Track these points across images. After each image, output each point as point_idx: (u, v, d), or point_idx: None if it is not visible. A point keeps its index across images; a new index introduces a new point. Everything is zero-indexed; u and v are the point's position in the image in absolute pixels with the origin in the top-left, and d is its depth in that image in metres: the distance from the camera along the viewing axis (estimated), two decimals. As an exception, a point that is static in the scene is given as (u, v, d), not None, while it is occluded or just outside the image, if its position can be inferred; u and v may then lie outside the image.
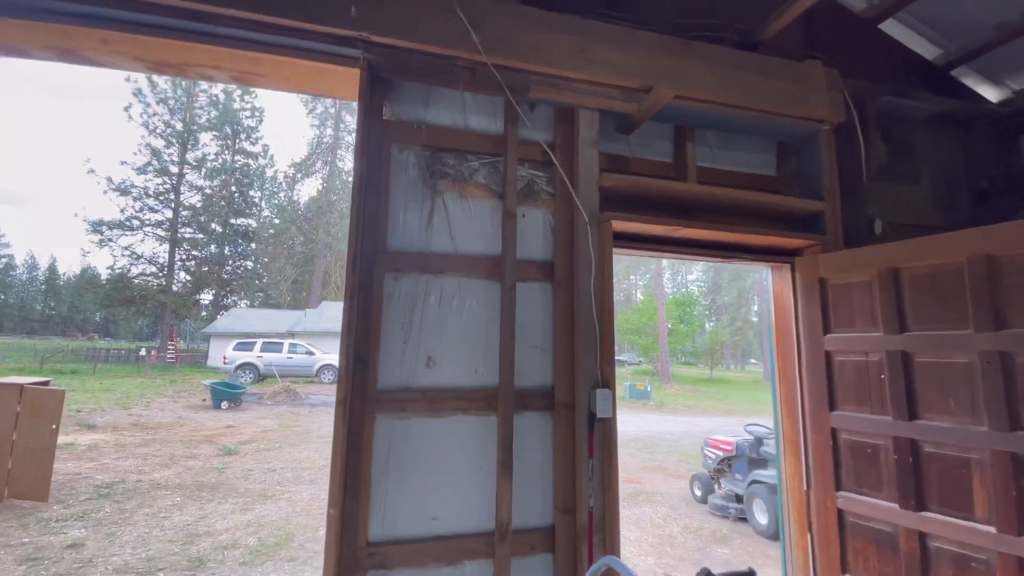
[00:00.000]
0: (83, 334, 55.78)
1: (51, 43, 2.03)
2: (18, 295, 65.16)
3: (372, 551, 2.06)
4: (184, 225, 35.68)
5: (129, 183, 31.34)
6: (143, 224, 32.54)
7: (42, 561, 3.99)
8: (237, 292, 41.70)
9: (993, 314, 1.95)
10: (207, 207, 36.21)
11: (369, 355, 2.16)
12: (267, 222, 42.58)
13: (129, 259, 32.18)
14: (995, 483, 1.90)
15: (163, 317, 34.58)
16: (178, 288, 36.05)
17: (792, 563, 2.63)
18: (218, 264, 38.99)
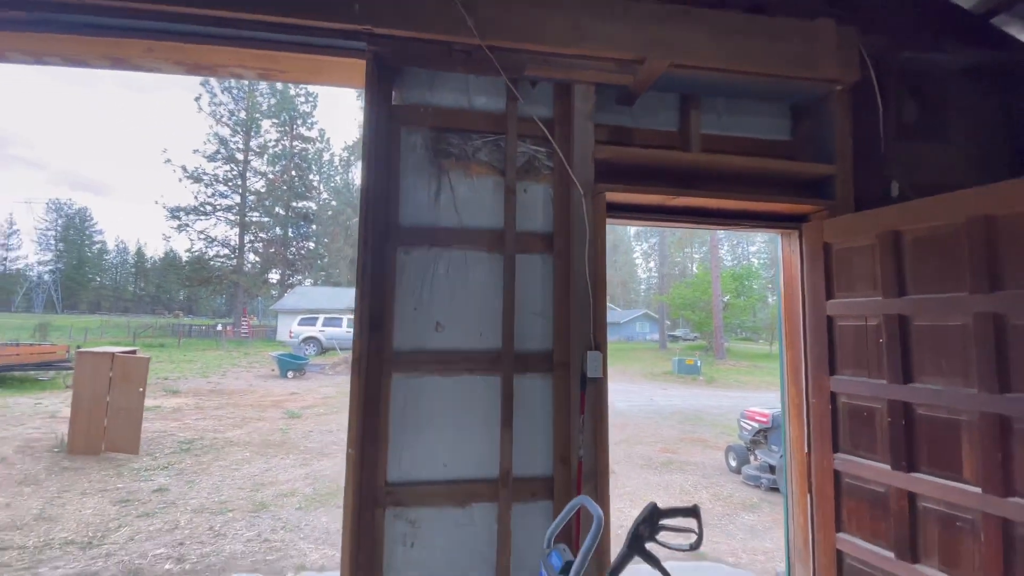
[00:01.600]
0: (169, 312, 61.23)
1: (106, 53, 2.37)
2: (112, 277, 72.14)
3: (390, 490, 2.35)
4: (251, 209, 38.11)
5: (201, 171, 33.73)
6: (215, 209, 35.06)
7: (133, 503, 4.69)
8: (301, 271, 44.24)
9: (988, 276, 1.91)
10: (270, 191, 38.41)
11: (384, 321, 2.41)
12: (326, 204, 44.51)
13: (205, 242, 34.89)
14: (983, 445, 1.90)
15: (236, 295, 37.45)
16: (248, 269, 38.79)
17: (793, 522, 2.71)
18: (283, 245, 41.48)
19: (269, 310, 35.50)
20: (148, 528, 4.03)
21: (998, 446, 1.85)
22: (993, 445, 1.87)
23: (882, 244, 2.28)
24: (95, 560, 3.44)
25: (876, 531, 2.26)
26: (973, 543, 1.93)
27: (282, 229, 41.23)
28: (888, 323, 2.23)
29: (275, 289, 41.94)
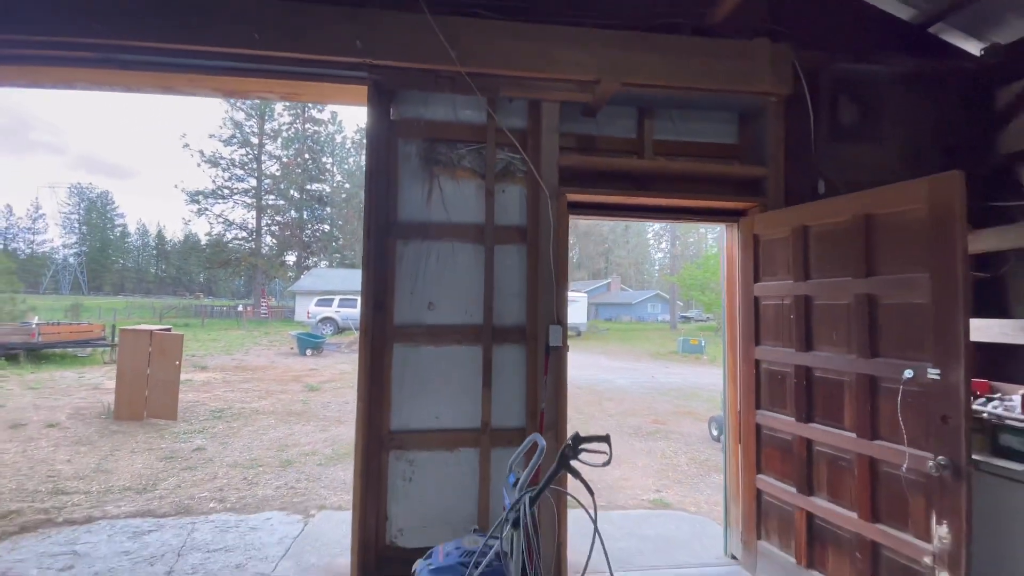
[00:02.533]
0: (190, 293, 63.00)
1: (157, 84, 2.89)
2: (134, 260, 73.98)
3: (393, 436, 2.91)
4: (267, 193, 38.95)
5: (218, 155, 34.52)
6: (232, 193, 35.96)
7: (176, 459, 5.38)
8: (317, 254, 45.20)
9: (866, 263, 2.37)
10: (285, 175, 39.15)
11: (386, 301, 2.94)
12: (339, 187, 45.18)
13: (223, 225, 35.89)
14: (857, 399, 2.38)
15: (255, 277, 38.58)
16: (266, 251, 39.84)
17: (728, 468, 3.23)
18: (299, 228, 42.37)
19: (287, 291, 36.55)
20: (191, 478, 4.70)
21: (868, 400, 2.34)
22: (864, 399, 2.35)
23: (794, 236, 2.74)
24: (150, 501, 4.12)
25: (785, 472, 2.77)
26: (850, 478, 2.43)
27: (297, 212, 42.09)
28: (796, 302, 2.71)
29: (292, 271, 42.99)
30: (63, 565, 3.02)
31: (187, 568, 2.99)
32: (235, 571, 2.96)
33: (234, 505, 4.04)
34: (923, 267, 2.14)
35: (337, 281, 31.31)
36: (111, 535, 3.43)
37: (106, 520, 3.69)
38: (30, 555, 3.15)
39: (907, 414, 2.15)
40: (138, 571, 2.95)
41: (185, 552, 3.18)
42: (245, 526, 3.59)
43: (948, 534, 1.98)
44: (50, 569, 2.98)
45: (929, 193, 2.12)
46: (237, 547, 3.26)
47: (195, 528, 3.54)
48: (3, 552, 3.19)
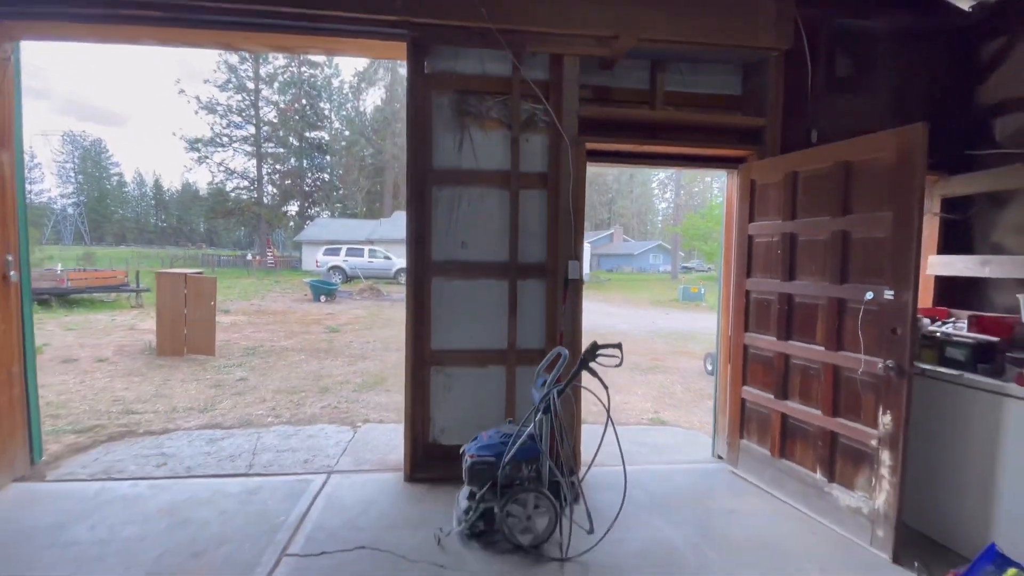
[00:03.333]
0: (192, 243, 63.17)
1: (215, 41, 3.18)
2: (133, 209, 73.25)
3: (433, 354, 3.42)
4: (266, 140, 38.44)
5: (215, 101, 33.84)
6: (231, 140, 35.52)
7: (224, 387, 5.98)
8: (318, 203, 45.08)
9: (842, 204, 2.77)
10: (283, 122, 38.47)
11: (425, 239, 3.36)
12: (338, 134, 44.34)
13: (225, 174, 35.70)
14: (828, 318, 2.85)
15: (259, 227, 38.78)
16: (268, 201, 39.82)
17: (719, 384, 3.77)
18: (299, 177, 42.09)
19: (292, 241, 36.83)
20: (243, 401, 5.31)
21: (836, 319, 2.81)
22: (833, 318, 2.82)
23: (785, 181, 3.12)
24: (214, 417, 4.72)
25: (765, 382, 3.29)
26: (819, 384, 2.94)
27: (297, 160, 41.66)
28: (783, 239, 3.13)
29: (294, 220, 43.10)
30: (157, 463, 3.62)
31: (263, 463, 3.59)
32: (304, 465, 3.56)
33: (289, 420, 4.64)
34: (887, 207, 2.54)
35: (341, 231, 31.54)
36: (190, 441, 4.03)
37: (181, 431, 4.29)
38: (125, 456, 3.75)
39: (865, 328, 2.62)
40: (223, 466, 3.54)
41: (258, 452, 3.78)
42: (303, 434, 4.20)
43: (891, 422, 2.50)
44: (147, 465, 3.57)
45: (896, 143, 2.49)
46: (301, 448, 3.86)
47: (260, 436, 4.14)
48: (100, 455, 3.79)
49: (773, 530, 2.81)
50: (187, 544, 2.54)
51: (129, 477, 3.33)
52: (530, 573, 2.38)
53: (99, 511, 2.85)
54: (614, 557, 2.51)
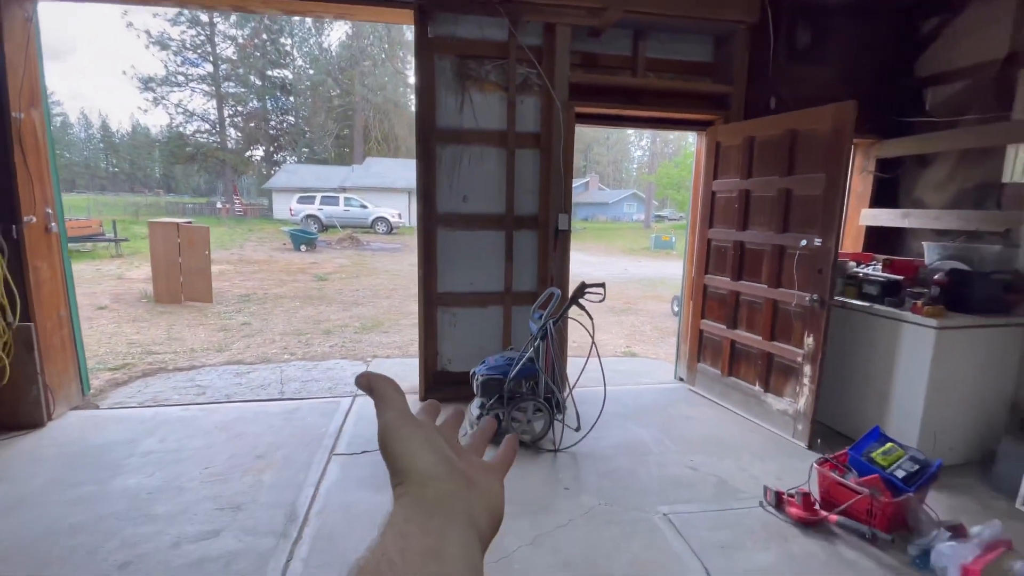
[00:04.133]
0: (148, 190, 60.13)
1: (230, 5, 3.39)
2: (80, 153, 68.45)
3: (440, 296, 3.93)
4: (225, 79, 36.32)
5: (166, 36, 31.49)
6: (188, 80, 33.43)
7: (230, 331, 6.38)
8: (285, 148, 43.40)
9: (788, 165, 3.32)
10: (243, 59, 36.27)
11: (431, 193, 3.78)
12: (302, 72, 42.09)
13: (184, 116, 33.84)
14: (771, 262, 3.47)
15: (223, 173, 37.36)
16: (231, 145, 38.15)
17: (682, 318, 4.43)
18: (263, 120, 40.23)
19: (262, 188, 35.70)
20: (255, 343, 5.76)
21: (777, 262, 3.43)
22: (775, 261, 3.44)
23: (744, 144, 3.64)
24: (233, 356, 5.18)
25: (720, 316, 3.96)
26: (761, 315, 3.60)
27: (260, 102, 39.66)
28: (740, 195, 3.69)
29: (262, 166, 41.58)
30: (196, 392, 4.10)
31: (293, 390, 4.12)
32: (329, 391, 4.11)
33: (303, 357, 5.15)
34: (822, 169, 3.10)
35: (312, 179, 30.78)
36: (219, 375, 4.51)
37: (207, 367, 4.76)
38: (164, 388, 4.22)
39: (799, 270, 3.25)
40: (257, 392, 4.06)
41: (285, 382, 4.31)
42: (322, 367, 4.72)
43: (813, 342, 3.19)
44: (188, 394, 4.06)
45: (832, 116, 3.02)
46: (322, 379, 4.40)
47: (283, 370, 4.65)
48: (141, 387, 4.24)
49: (720, 429, 3.54)
50: (249, 449, 3.09)
51: (177, 404, 3.82)
52: (531, 459, 3.04)
53: (161, 429, 3.35)
54: (596, 448, 3.19)
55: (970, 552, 2.05)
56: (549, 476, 2.86)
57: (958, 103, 3.82)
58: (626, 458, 3.09)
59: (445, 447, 0.35)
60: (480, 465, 0.38)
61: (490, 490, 0.36)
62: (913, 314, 3.02)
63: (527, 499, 2.61)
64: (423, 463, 0.33)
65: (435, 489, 0.31)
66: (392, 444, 0.33)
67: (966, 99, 3.75)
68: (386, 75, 41.33)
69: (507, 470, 0.40)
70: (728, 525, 2.46)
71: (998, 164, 3.40)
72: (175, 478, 2.77)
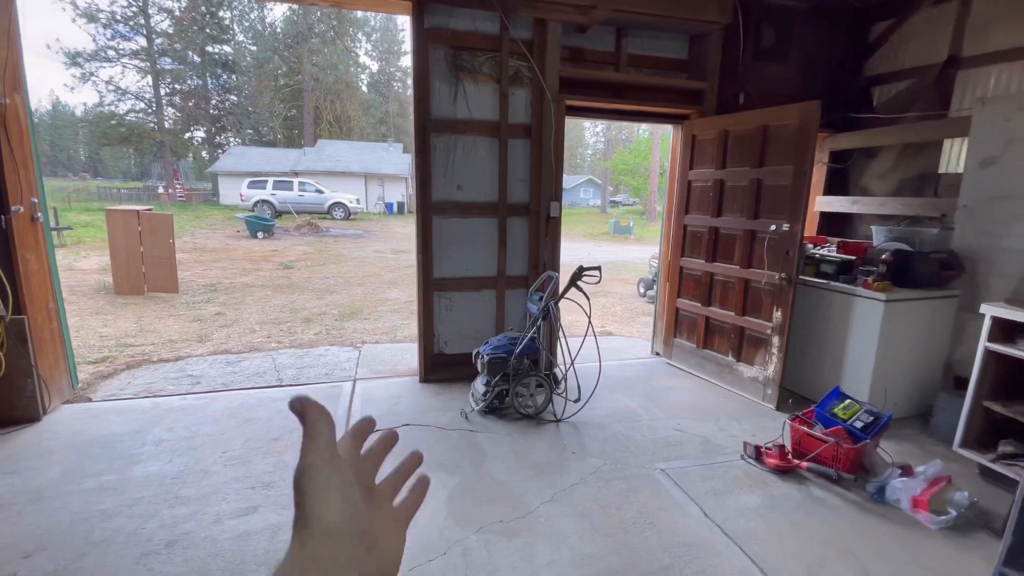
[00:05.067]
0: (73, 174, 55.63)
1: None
2: (-8, 133, 62.14)
3: (436, 281, 4.08)
4: (161, 54, 33.91)
5: (94, 6, 28.98)
6: (120, 55, 30.97)
7: (204, 321, 6.25)
8: (228, 129, 41.15)
9: (760, 157, 3.68)
10: (180, 33, 33.94)
11: (427, 182, 3.90)
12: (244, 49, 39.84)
13: (116, 94, 31.40)
14: (743, 245, 3.85)
15: (162, 156, 35.06)
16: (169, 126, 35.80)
17: (659, 297, 4.79)
18: (203, 99, 37.93)
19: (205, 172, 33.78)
20: (235, 332, 5.69)
21: (748, 245, 3.80)
22: (747, 245, 3.81)
23: (719, 137, 3.97)
24: (217, 346, 5.12)
25: (695, 295, 4.32)
26: (734, 293, 3.98)
27: (200, 79, 37.33)
28: (715, 184, 4.03)
29: (204, 148, 39.33)
30: (190, 382, 4.09)
31: (290, 377, 4.18)
32: (327, 376, 4.20)
33: (291, 345, 5.17)
34: (789, 161, 3.47)
35: (261, 162, 29.46)
36: (210, 365, 4.49)
37: (194, 357, 4.71)
38: (155, 379, 4.17)
39: (769, 252, 3.63)
40: (255, 380, 4.09)
41: (280, 369, 4.35)
42: (313, 355, 4.78)
43: (781, 316, 3.59)
44: (182, 385, 4.04)
45: (799, 113, 3.38)
46: (317, 365, 4.47)
47: (275, 358, 4.67)
48: (129, 380, 4.17)
49: (698, 397, 3.93)
50: (262, 433, 3.18)
51: (174, 394, 3.81)
52: (536, 429, 3.30)
53: (166, 418, 3.37)
54: (592, 417, 3.49)
55: (918, 486, 2.49)
56: (555, 443, 3.13)
57: (902, 101, 4.31)
58: (621, 425, 3.40)
59: (358, 495, 0.35)
60: (388, 514, 0.38)
61: (389, 551, 0.36)
62: (865, 289, 3.46)
63: (540, 463, 2.87)
64: (331, 514, 0.32)
65: (333, 552, 0.31)
66: (306, 484, 0.32)
67: (909, 98, 4.23)
68: (336, 54, 39.81)
69: (413, 516, 0.41)
70: (716, 476, 2.81)
71: (936, 156, 3.90)
72: (195, 463, 2.84)
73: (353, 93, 41.25)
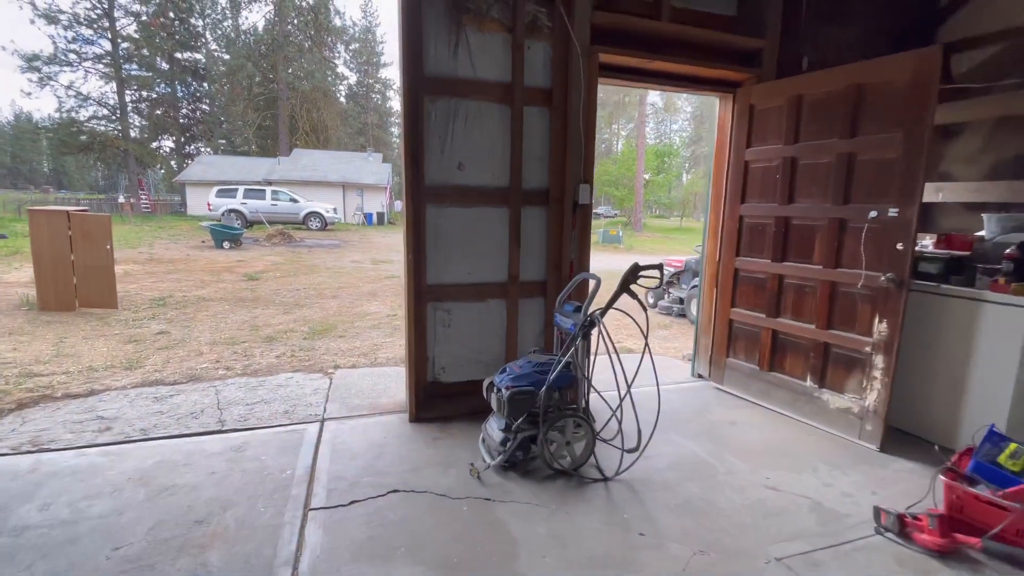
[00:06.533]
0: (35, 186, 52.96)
1: None
2: (-56, 144, 59.34)
3: (431, 289, 3.14)
4: (127, 60, 32.40)
5: (55, 7, 27.46)
6: (81, 58, 29.36)
7: (143, 342, 5.15)
8: (198, 139, 39.55)
9: (851, 126, 2.86)
10: (147, 38, 32.53)
11: (420, 158, 2.98)
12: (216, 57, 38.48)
13: (76, 101, 29.71)
14: (827, 239, 3.01)
15: (127, 165, 33.27)
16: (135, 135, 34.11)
17: (702, 308, 3.92)
18: (172, 107, 36.38)
19: (173, 182, 32.13)
20: (177, 356, 4.61)
21: (836, 238, 2.97)
22: (833, 237, 2.98)
23: (788, 105, 3.15)
24: (148, 374, 4.05)
25: (756, 303, 3.47)
26: (812, 300, 3.13)
27: (169, 86, 35.81)
28: (784, 163, 3.20)
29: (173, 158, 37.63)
30: (98, 428, 3.03)
31: (236, 417, 3.16)
32: (286, 416, 3.19)
33: (244, 371, 4.12)
34: (898, 127, 2.65)
35: (232, 171, 28.11)
36: (131, 401, 3.43)
37: (115, 391, 3.63)
38: (50, 424, 3.09)
39: (868, 246, 2.79)
40: (187, 424, 3.06)
41: (224, 407, 3.32)
42: (271, 384, 3.75)
43: (887, 328, 2.74)
44: (85, 432, 2.98)
45: (913, 64, 2.57)
46: (275, 399, 3.45)
47: (219, 390, 3.63)
48: (15, 425, 3.09)
49: (773, 435, 3.04)
50: (182, 512, 2.17)
51: (68, 446, 2.75)
52: (579, 493, 2.36)
53: (46, 487, 2.33)
54: (649, 471, 2.57)
55: None
56: (612, 517, 2.19)
57: (991, 70, 3.56)
58: (693, 484, 2.49)
59: None
60: None
61: None
62: (994, 292, 2.65)
63: (598, 556, 1.93)
64: None
65: None
66: None
67: (1001, 65, 3.49)
68: (313, 62, 38.71)
69: None
70: (859, 567, 1.91)
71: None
72: (67, 571, 1.81)
73: (331, 102, 40.12)
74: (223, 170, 28.42)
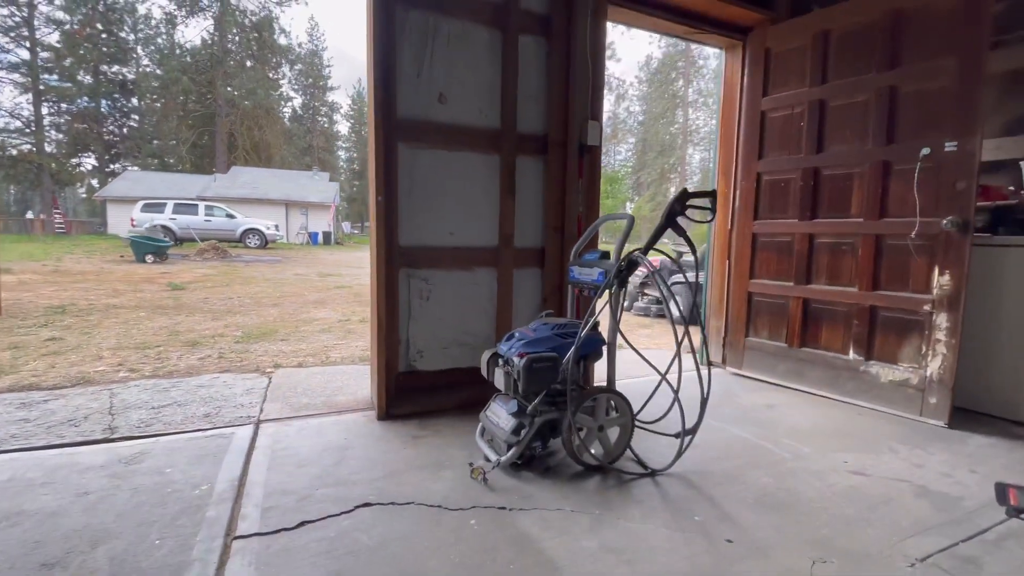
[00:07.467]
0: (-70, 206, 47.19)
1: None
2: None
3: (403, 251, 2.48)
4: (46, 71, 29.78)
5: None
6: (-12, 65, 26.59)
7: (26, 348, 4.09)
8: (125, 156, 36.64)
9: (890, 56, 2.53)
10: (71, 49, 30.12)
11: (391, 82, 2.37)
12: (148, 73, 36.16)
13: (-21, 109, 26.71)
14: (869, 186, 2.63)
15: (41, 182, 30.11)
16: (52, 150, 31.13)
17: (711, 287, 3.46)
18: (96, 122, 33.64)
19: (94, 199, 29.33)
20: (68, 360, 3.62)
21: (879, 184, 2.59)
22: (876, 184, 2.60)
23: (813, 43, 2.81)
24: (22, 379, 3.07)
25: (780, 271, 3.04)
26: (852, 260, 2.72)
27: (93, 100, 33.14)
28: (810, 108, 2.83)
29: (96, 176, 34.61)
30: (-79, 443, 2.11)
31: (134, 424, 2.31)
32: (207, 419, 2.38)
33: (155, 373, 3.23)
34: (949, 52, 2.33)
35: (161, 187, 25.97)
36: (-15, 410, 2.49)
37: (-39, 399, 2.67)
38: None
39: (922, 188, 2.42)
40: (60, 433, 2.19)
41: (118, 412, 2.46)
42: (189, 385, 2.90)
43: (950, 281, 2.35)
44: (-101, 449, 2.06)
45: (970, -25, 2.26)
46: (192, 401, 2.62)
47: (115, 393, 2.75)
48: None
49: (820, 417, 2.56)
50: (26, 549, 1.36)
51: None
52: (622, 493, 1.74)
53: None
54: (703, 462, 1.99)
55: None
56: (679, 521, 1.58)
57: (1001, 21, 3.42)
58: (760, 472, 1.93)
59: None
60: None
61: None
62: (1058, 240, 2.33)
63: (680, 572, 1.30)
64: None
65: None
66: None
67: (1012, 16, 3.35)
68: (255, 79, 37.14)
69: None
70: (1017, 559, 1.40)
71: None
72: None
73: (274, 120, 38.50)
74: (152, 186, 26.22)
